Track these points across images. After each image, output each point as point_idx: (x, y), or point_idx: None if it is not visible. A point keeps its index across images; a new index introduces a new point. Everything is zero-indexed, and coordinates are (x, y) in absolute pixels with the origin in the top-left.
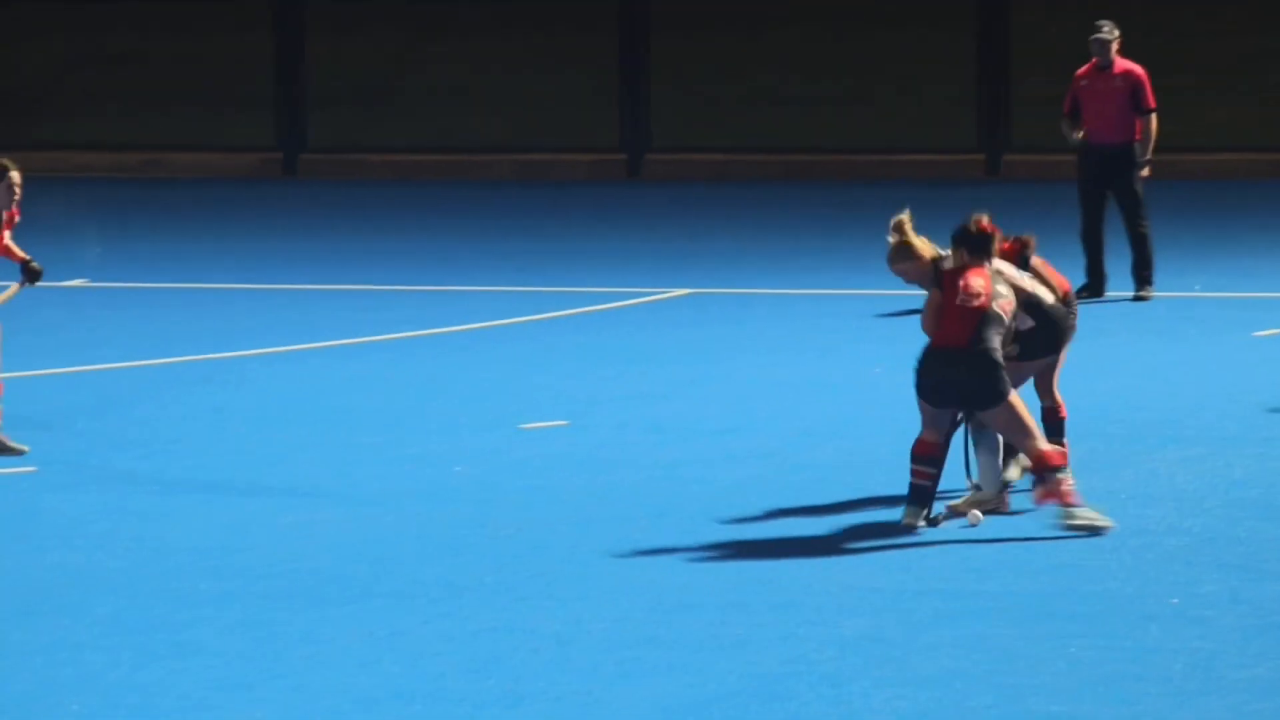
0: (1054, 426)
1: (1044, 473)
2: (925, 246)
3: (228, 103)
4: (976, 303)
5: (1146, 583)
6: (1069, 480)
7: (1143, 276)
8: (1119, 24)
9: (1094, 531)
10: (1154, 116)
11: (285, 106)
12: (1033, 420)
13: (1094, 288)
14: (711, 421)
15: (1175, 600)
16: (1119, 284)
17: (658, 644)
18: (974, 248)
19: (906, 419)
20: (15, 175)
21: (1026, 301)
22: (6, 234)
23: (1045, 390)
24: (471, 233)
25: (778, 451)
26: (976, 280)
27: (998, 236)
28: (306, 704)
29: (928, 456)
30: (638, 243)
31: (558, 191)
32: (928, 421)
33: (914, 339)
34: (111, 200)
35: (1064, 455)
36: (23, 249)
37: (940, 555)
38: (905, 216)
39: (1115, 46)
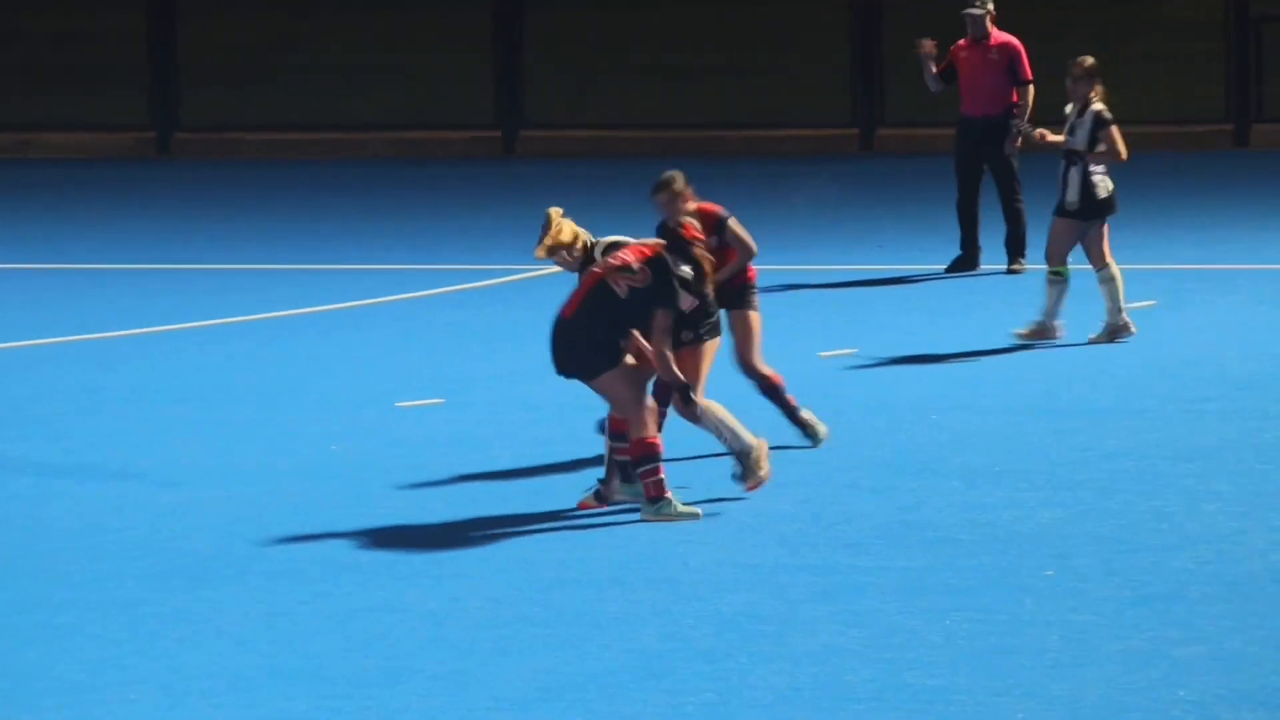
0: (775, 396)
1: (640, 459)
2: (569, 234)
3: (101, 82)
4: (597, 270)
5: (1022, 556)
6: (661, 471)
7: (1016, 249)
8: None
9: (686, 518)
10: (1031, 88)
11: (158, 85)
12: (644, 407)
13: (968, 260)
14: (583, 399)
15: (1050, 572)
16: (993, 257)
17: (534, 621)
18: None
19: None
20: None
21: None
22: None
23: (749, 368)
24: (346, 211)
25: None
26: (626, 254)
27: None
28: (182, 684)
29: (618, 432)
30: (511, 220)
31: (433, 169)
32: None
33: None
34: None
35: (659, 445)
36: None
37: (815, 532)
38: (554, 211)
39: (989, 20)
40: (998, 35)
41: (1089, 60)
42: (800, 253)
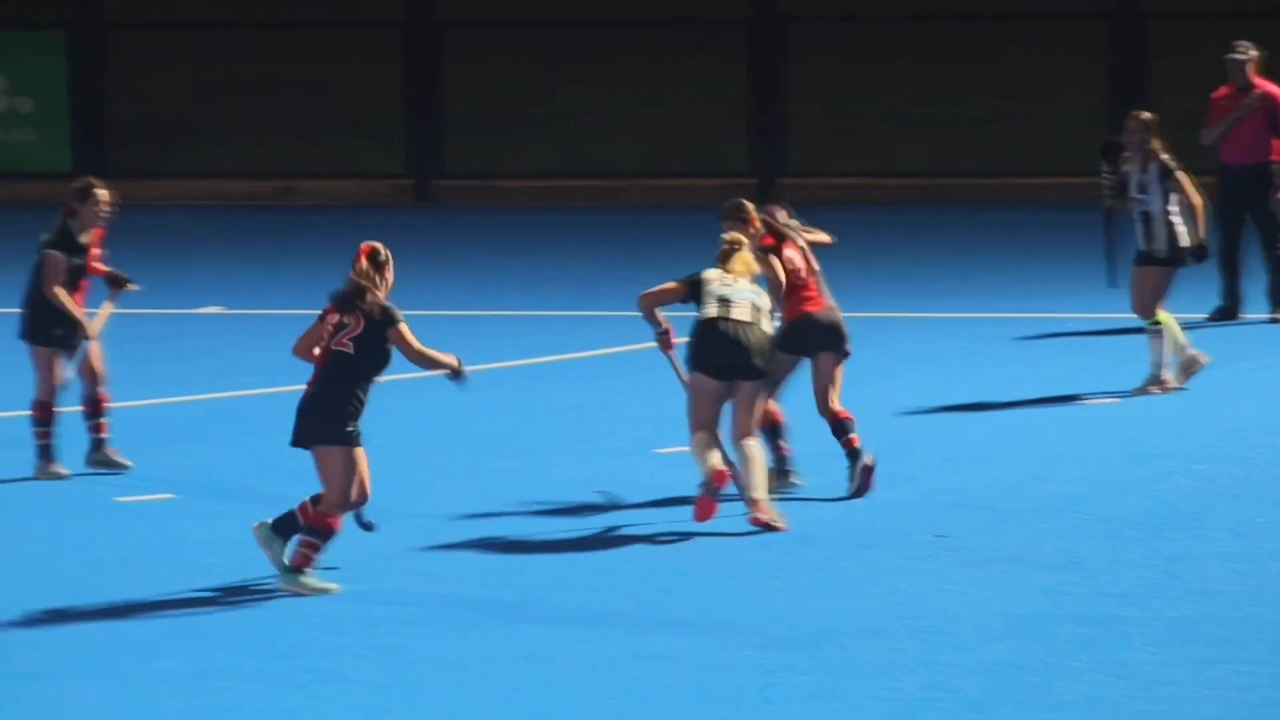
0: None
1: (315, 530)
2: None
3: (361, 129)
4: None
5: None
6: (318, 552)
7: (1278, 298)
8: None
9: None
10: None
11: (417, 133)
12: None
13: (1230, 310)
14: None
15: None
16: (1256, 306)
17: (798, 670)
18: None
19: (1043, 445)
20: (102, 194)
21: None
22: (95, 255)
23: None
24: (605, 257)
25: (916, 477)
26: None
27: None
28: None
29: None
30: None
31: (690, 216)
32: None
33: (1058, 364)
34: (245, 228)
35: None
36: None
37: (1078, 581)
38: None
39: (1251, 66)
40: (1260, 83)
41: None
42: (1054, 300)
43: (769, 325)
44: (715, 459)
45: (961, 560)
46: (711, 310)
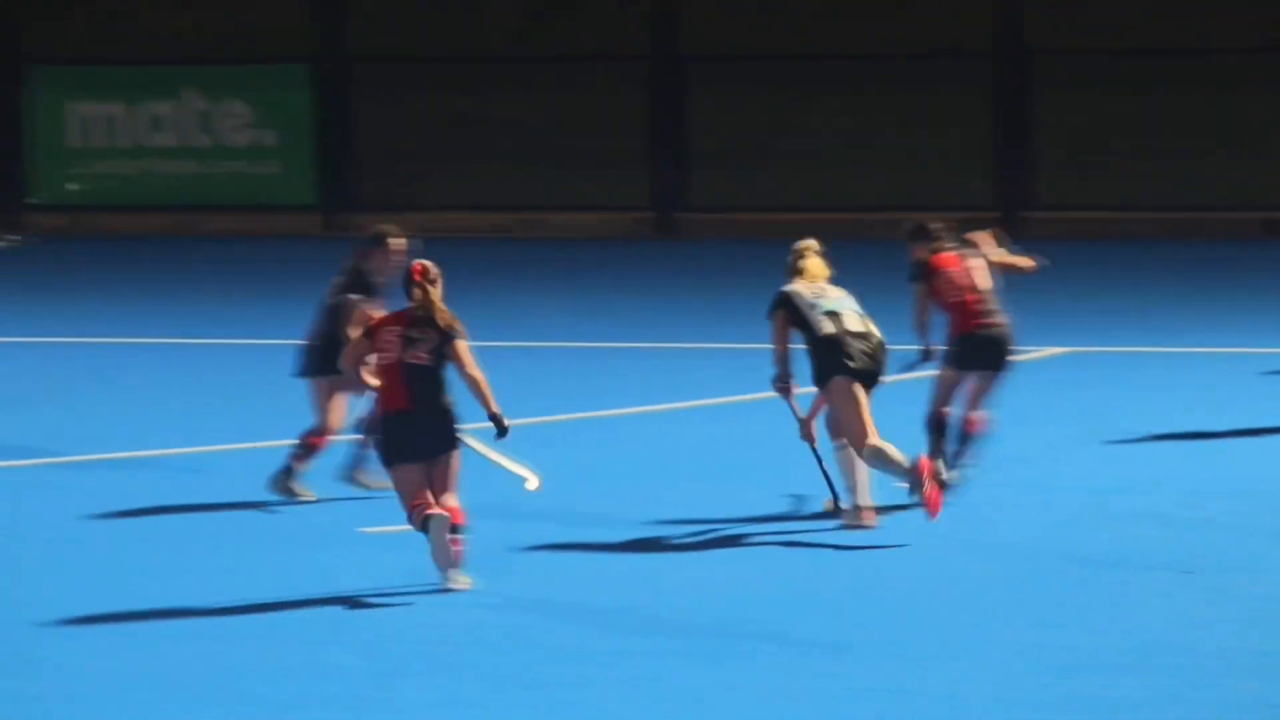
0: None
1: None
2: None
3: (603, 162)
4: None
5: None
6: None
7: None
8: None
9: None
10: None
11: (661, 165)
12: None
13: None
14: (1099, 480)
15: None
16: None
17: (1043, 706)
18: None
19: None
20: (397, 243)
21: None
22: (378, 304)
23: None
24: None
25: (1165, 513)
26: None
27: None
28: None
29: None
30: (1016, 301)
31: None
32: None
33: None
34: (490, 260)
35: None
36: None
37: None
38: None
39: None
40: None
41: None
42: None
43: (877, 329)
44: (900, 455)
45: (1208, 597)
46: (829, 327)
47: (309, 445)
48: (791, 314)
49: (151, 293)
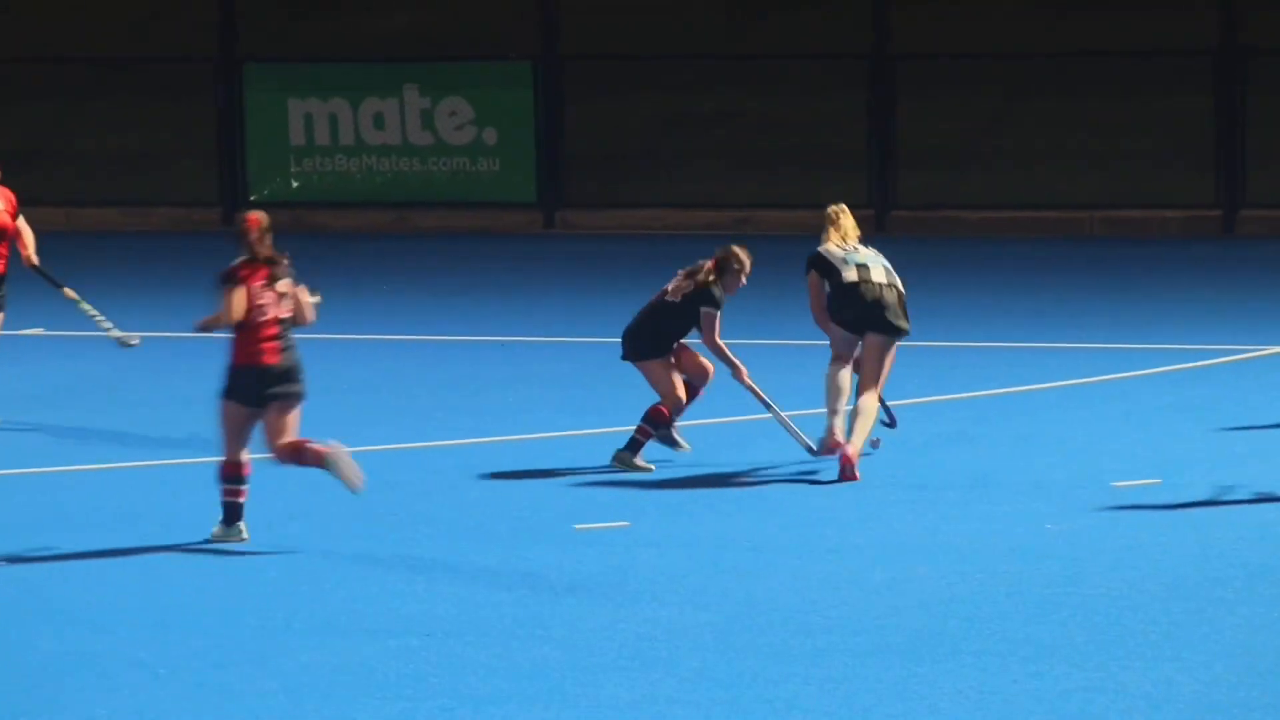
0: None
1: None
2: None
3: (820, 162)
4: None
5: None
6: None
7: None
8: None
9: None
10: None
11: (876, 166)
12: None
13: None
14: None
15: None
16: None
17: (1254, 707)
18: None
19: None
20: (745, 262)
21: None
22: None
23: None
24: (1060, 289)
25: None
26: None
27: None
28: None
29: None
30: (1229, 299)
31: (1150, 248)
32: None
33: None
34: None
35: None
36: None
37: None
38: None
39: None
40: None
41: None
42: None
43: (901, 285)
44: (838, 424)
45: None
46: (851, 275)
47: (655, 416)
48: (823, 270)
49: (411, 289)
